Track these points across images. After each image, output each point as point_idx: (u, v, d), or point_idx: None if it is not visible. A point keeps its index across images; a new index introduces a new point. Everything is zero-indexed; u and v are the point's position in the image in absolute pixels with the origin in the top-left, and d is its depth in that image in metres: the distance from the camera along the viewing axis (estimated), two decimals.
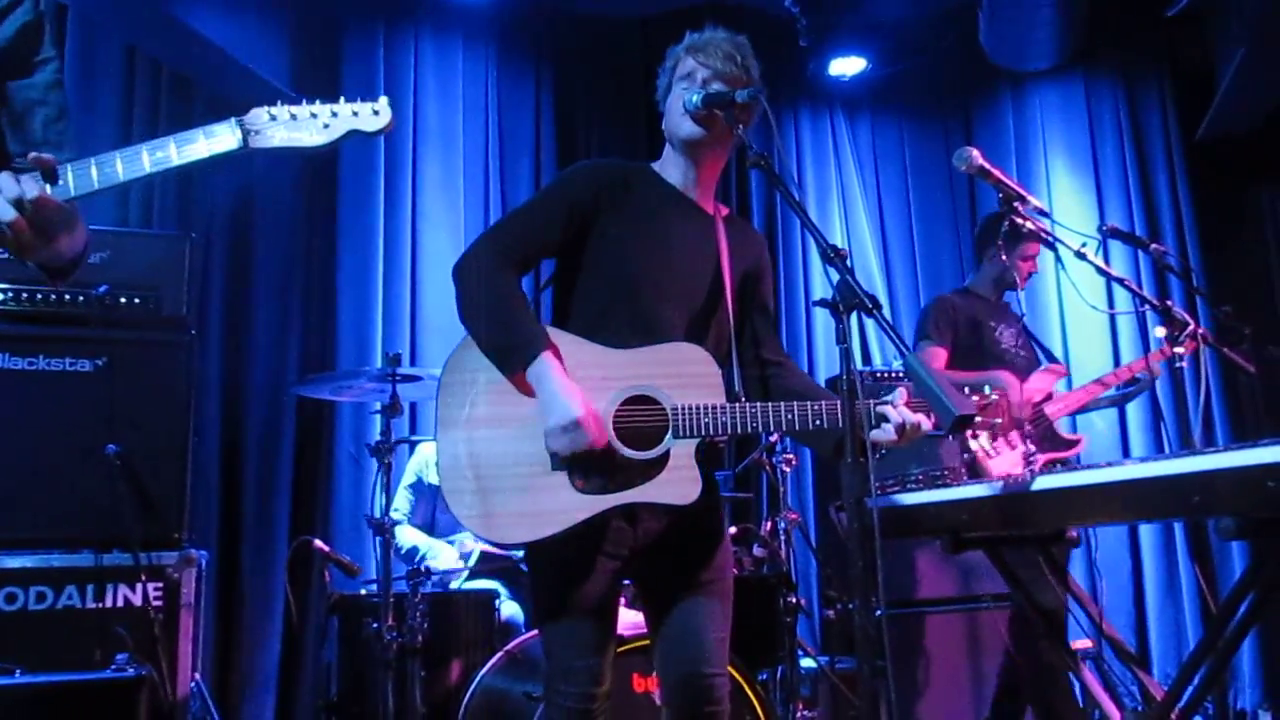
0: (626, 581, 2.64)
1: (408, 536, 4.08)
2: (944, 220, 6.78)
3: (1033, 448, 3.44)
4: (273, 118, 1.74)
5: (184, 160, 1.70)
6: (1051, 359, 4.16)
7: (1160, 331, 3.79)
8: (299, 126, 1.76)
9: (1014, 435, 3.72)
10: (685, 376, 2.22)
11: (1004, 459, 3.68)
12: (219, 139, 1.71)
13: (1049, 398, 3.94)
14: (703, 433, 2.18)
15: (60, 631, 3.13)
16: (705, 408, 2.18)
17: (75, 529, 3.25)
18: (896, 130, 6.89)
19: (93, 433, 3.27)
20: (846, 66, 6.42)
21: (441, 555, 4.01)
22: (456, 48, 5.72)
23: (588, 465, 2.15)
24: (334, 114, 1.79)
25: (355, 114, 1.81)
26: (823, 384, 3.29)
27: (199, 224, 4.71)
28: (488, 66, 5.82)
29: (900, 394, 2.20)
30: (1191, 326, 3.32)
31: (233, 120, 1.71)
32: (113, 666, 2.94)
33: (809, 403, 2.21)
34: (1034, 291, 6.22)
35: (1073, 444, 3.97)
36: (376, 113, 1.82)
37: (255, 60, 4.79)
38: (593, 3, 5.97)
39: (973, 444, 3.72)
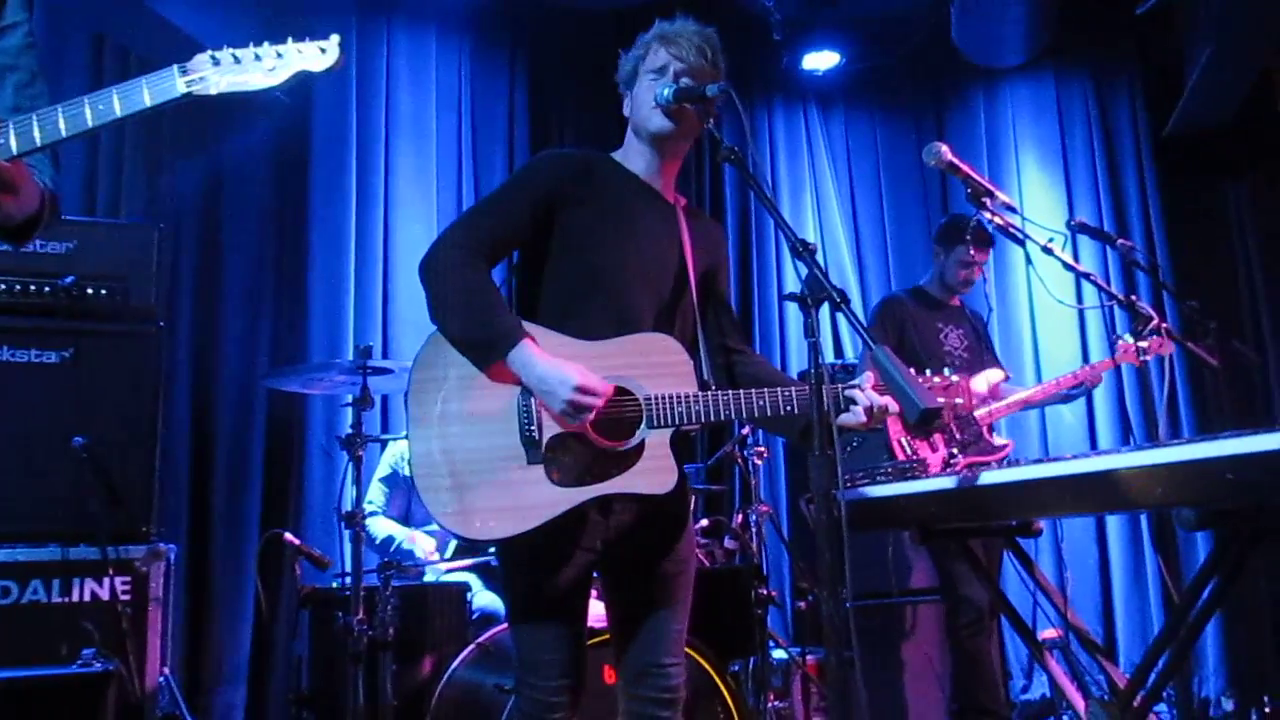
0: (595, 574, 2.65)
1: (381, 527, 4.07)
2: (916, 214, 6.82)
3: (955, 451, 3.48)
4: (215, 61, 1.68)
5: (127, 111, 1.64)
6: (995, 363, 4.21)
7: (1128, 339, 3.83)
8: (244, 69, 1.70)
9: (936, 438, 3.76)
10: (657, 366, 2.22)
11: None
12: (161, 87, 1.66)
13: (983, 403, 3.99)
14: (677, 421, 2.19)
15: (26, 627, 3.09)
16: (679, 397, 2.19)
17: (41, 522, 3.21)
18: (869, 125, 6.93)
19: (59, 425, 3.23)
20: (820, 61, 6.45)
21: (418, 543, 4.01)
22: (430, 39, 5.70)
23: (565, 458, 2.16)
24: (279, 55, 1.73)
25: (301, 53, 1.75)
26: (794, 377, 3.32)
27: (168, 214, 4.65)
28: (461, 58, 5.80)
29: (868, 377, 2.23)
30: (1155, 321, 3.36)
31: (175, 67, 1.66)
32: (79, 662, 2.92)
33: (779, 389, 2.22)
34: (1004, 286, 6.28)
35: (999, 449, 4.01)
36: (324, 50, 1.76)
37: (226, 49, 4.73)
38: None
39: (893, 443, 3.76)
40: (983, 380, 3.97)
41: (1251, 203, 6.17)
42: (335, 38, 1.76)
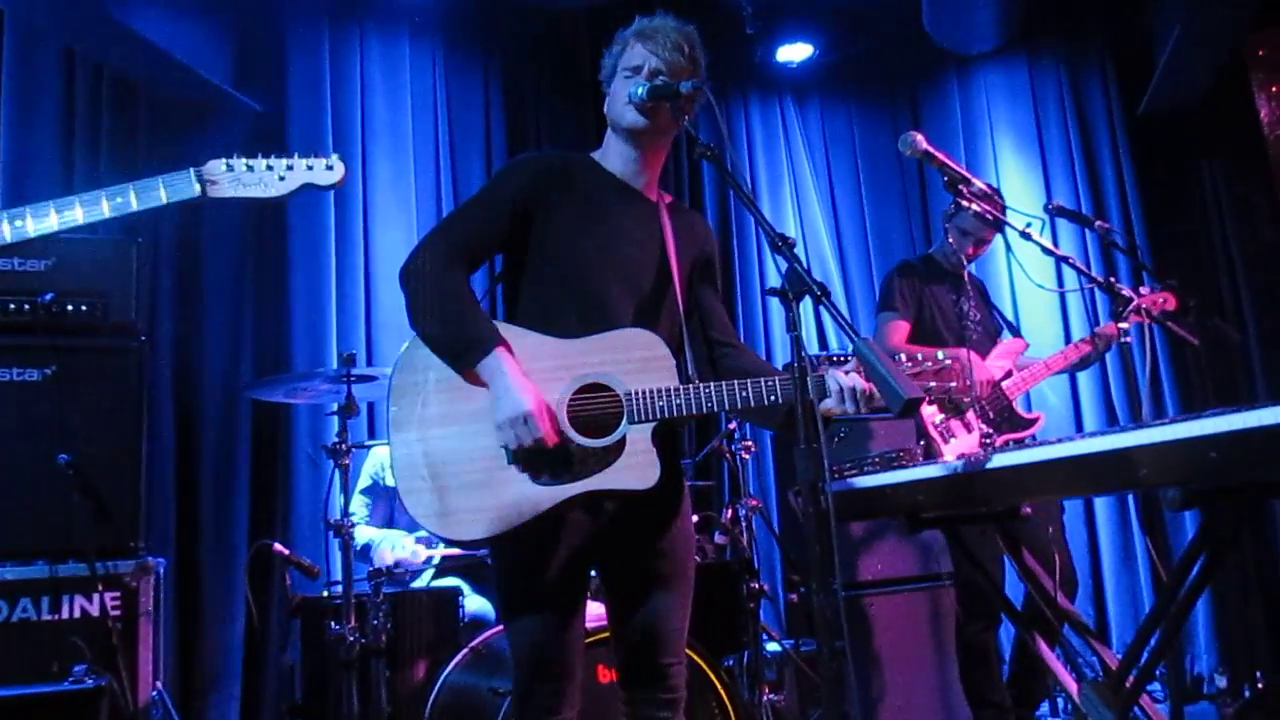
0: (593, 574, 2.65)
1: (362, 534, 4.05)
2: (895, 202, 6.84)
3: (988, 429, 3.45)
4: (230, 169, 1.83)
5: (143, 206, 1.75)
6: (1014, 332, 4.16)
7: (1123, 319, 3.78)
8: (255, 179, 1.85)
9: (970, 416, 3.73)
10: (636, 361, 2.23)
11: (960, 441, 3.69)
12: (178, 188, 1.77)
13: (1008, 374, 3.94)
14: (658, 416, 2.19)
15: (16, 645, 3.07)
16: (659, 391, 2.19)
17: (28, 540, 3.19)
18: (845, 115, 6.94)
19: (43, 442, 3.21)
20: (794, 53, 6.46)
21: (398, 543, 4.00)
22: (403, 42, 5.67)
23: (544, 457, 2.16)
24: (289, 168, 1.88)
25: (310, 168, 1.89)
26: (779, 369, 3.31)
27: (145, 227, 4.59)
28: (435, 60, 5.78)
29: (852, 365, 2.24)
30: (1135, 301, 3.37)
31: (191, 171, 1.78)
32: (71, 678, 2.90)
33: (762, 379, 2.22)
34: (984, 272, 6.29)
35: (1031, 422, 3.95)
36: (330, 168, 1.91)
37: (198, 60, 4.71)
38: None
39: (929, 427, 3.73)
40: (1007, 351, 3.94)
41: (1227, 180, 6.20)
42: (336, 156, 2.03)
